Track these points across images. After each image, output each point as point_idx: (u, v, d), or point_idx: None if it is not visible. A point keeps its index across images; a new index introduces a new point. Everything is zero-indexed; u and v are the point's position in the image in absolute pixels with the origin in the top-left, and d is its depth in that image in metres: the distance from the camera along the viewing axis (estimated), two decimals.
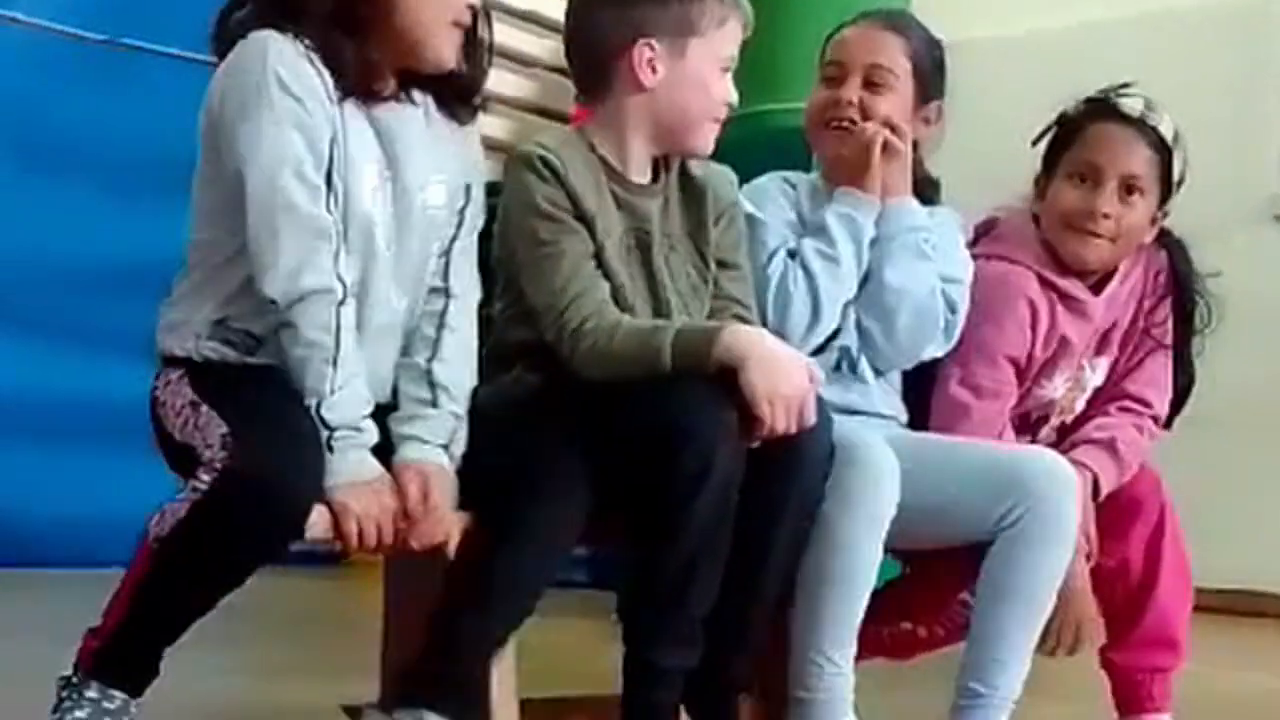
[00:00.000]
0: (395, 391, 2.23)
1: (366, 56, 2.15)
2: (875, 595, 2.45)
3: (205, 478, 1.95)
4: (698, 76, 2.42)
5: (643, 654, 2.24)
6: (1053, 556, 2.49)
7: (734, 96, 2.46)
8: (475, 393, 2.31)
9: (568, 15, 2.51)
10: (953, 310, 2.68)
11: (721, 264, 2.51)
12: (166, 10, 4.14)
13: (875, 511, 2.37)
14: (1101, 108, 2.79)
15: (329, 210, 2.09)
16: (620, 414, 2.20)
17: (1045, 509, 2.48)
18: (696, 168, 2.52)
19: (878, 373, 2.68)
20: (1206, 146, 4.91)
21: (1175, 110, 2.86)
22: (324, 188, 2.09)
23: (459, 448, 2.20)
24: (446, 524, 2.13)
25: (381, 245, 2.19)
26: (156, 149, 3.96)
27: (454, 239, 2.30)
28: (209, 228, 2.16)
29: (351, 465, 2.07)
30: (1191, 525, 2.83)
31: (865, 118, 2.65)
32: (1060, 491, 2.50)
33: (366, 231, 2.17)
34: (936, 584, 2.60)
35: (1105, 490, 2.76)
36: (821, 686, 2.40)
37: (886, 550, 2.42)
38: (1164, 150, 2.76)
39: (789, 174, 2.76)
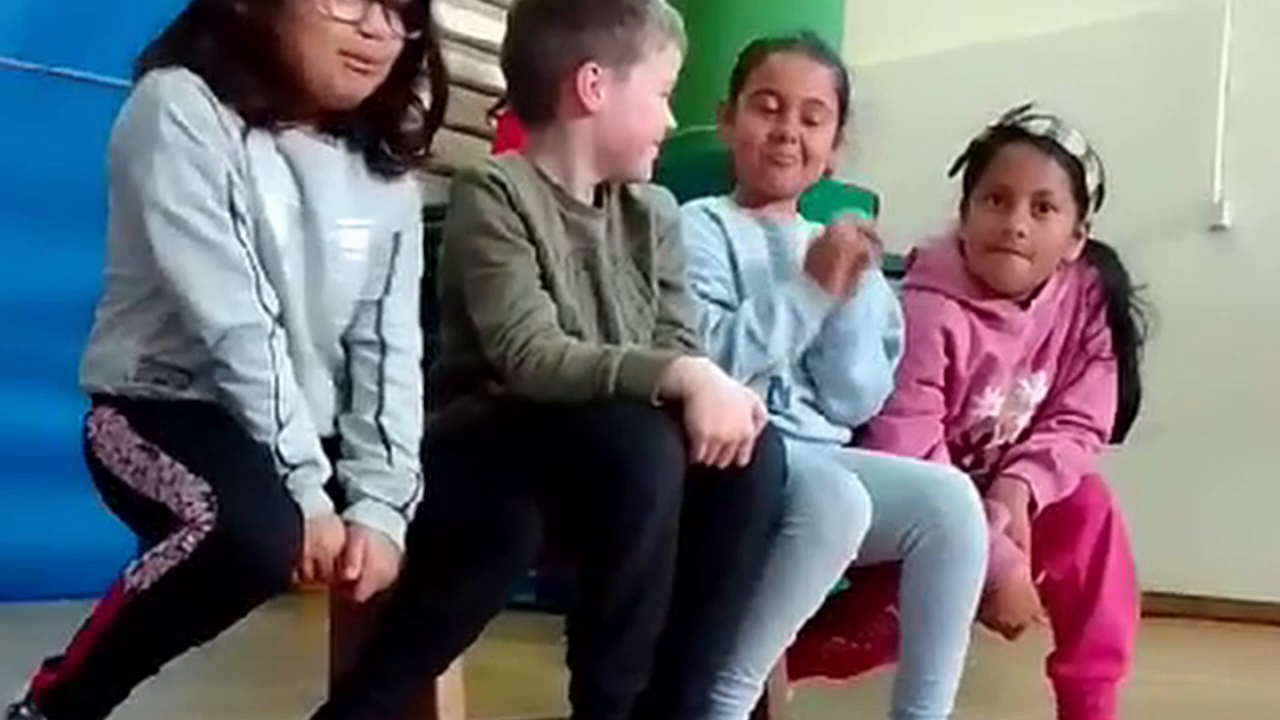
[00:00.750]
0: (335, 428, 2.19)
1: (267, 85, 2.10)
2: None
3: (190, 539, 1.90)
4: (640, 101, 2.43)
5: (591, 678, 2.24)
6: (961, 576, 2.51)
7: (671, 121, 2.47)
8: None
9: (508, 37, 2.50)
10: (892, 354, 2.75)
11: (665, 285, 2.52)
12: (93, 37, 4.10)
13: (843, 550, 2.40)
14: (1009, 131, 2.84)
15: (240, 240, 2.06)
16: (563, 443, 2.19)
17: (946, 530, 2.50)
18: (637, 190, 2.53)
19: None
20: (1145, 156, 5.03)
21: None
22: (229, 218, 2.05)
23: (413, 508, 2.14)
24: (366, 593, 2.09)
25: (290, 276, 2.13)
26: (84, 179, 3.93)
27: (386, 290, 2.24)
28: (125, 263, 2.12)
29: (305, 505, 2.03)
30: (1131, 531, 2.85)
31: (805, 153, 2.70)
32: (960, 511, 2.52)
33: (275, 263, 2.12)
34: (862, 598, 2.62)
35: (1042, 502, 2.79)
36: (733, 694, 2.43)
37: None
38: (1074, 166, 2.80)
39: (709, 204, 2.76)
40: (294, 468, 2.02)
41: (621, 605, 2.19)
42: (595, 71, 2.39)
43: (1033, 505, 2.78)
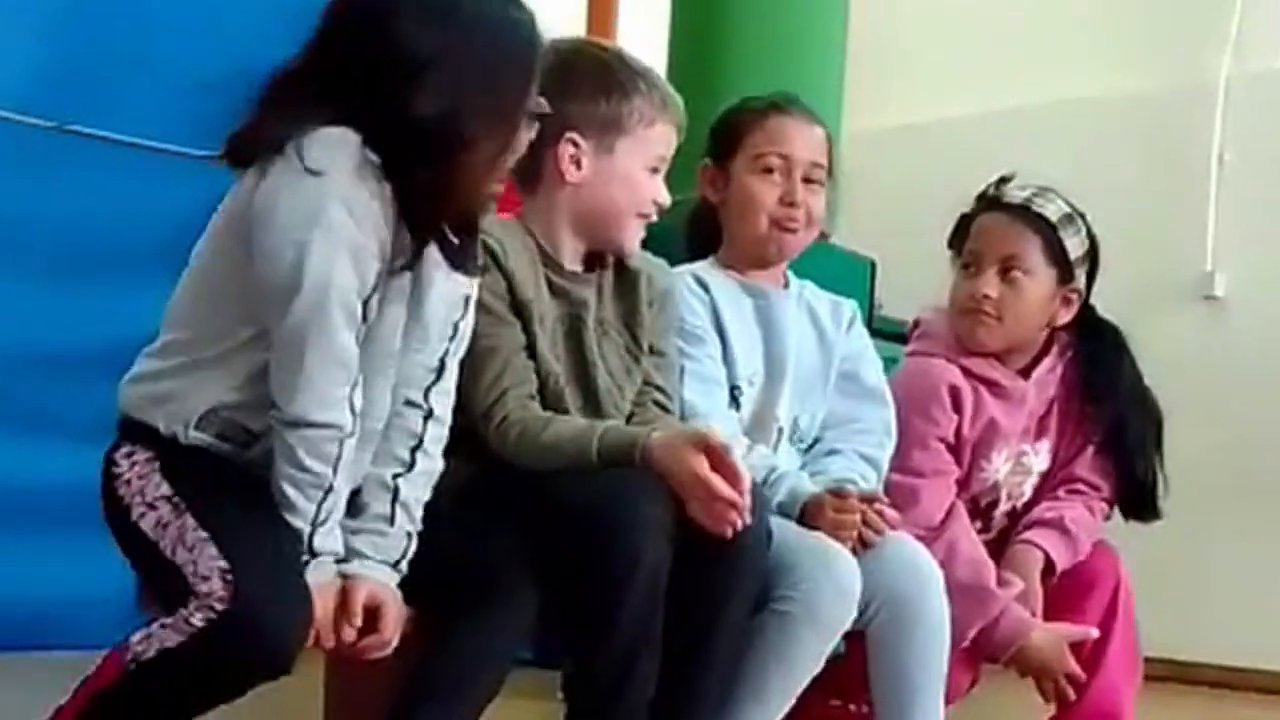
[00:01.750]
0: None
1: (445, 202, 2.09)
2: None
3: (199, 616, 1.89)
4: (625, 174, 2.45)
5: None
6: (922, 646, 2.51)
7: (665, 196, 2.48)
8: None
9: None
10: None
11: (651, 349, 2.54)
12: (108, 95, 4.14)
13: (835, 625, 2.40)
14: (988, 201, 2.93)
15: (356, 340, 2.03)
16: (551, 506, 2.21)
17: (899, 603, 2.50)
18: (632, 257, 2.54)
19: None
20: (1139, 228, 5.06)
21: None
22: (361, 316, 2.03)
23: (405, 562, 2.15)
24: (391, 637, 2.10)
25: (391, 370, 2.14)
26: (93, 234, 3.94)
27: (445, 355, 2.23)
28: (222, 311, 2.07)
29: (313, 576, 2.03)
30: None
31: (807, 216, 2.71)
32: (915, 584, 2.52)
33: (383, 360, 2.12)
34: (858, 662, 2.63)
35: (1060, 568, 2.83)
36: None
37: None
38: (1049, 231, 2.86)
39: (697, 269, 2.74)
40: (317, 556, 2.03)
41: (616, 667, 2.20)
42: (576, 144, 2.42)
43: (1050, 570, 2.82)
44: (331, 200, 1.97)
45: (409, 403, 2.21)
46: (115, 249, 3.84)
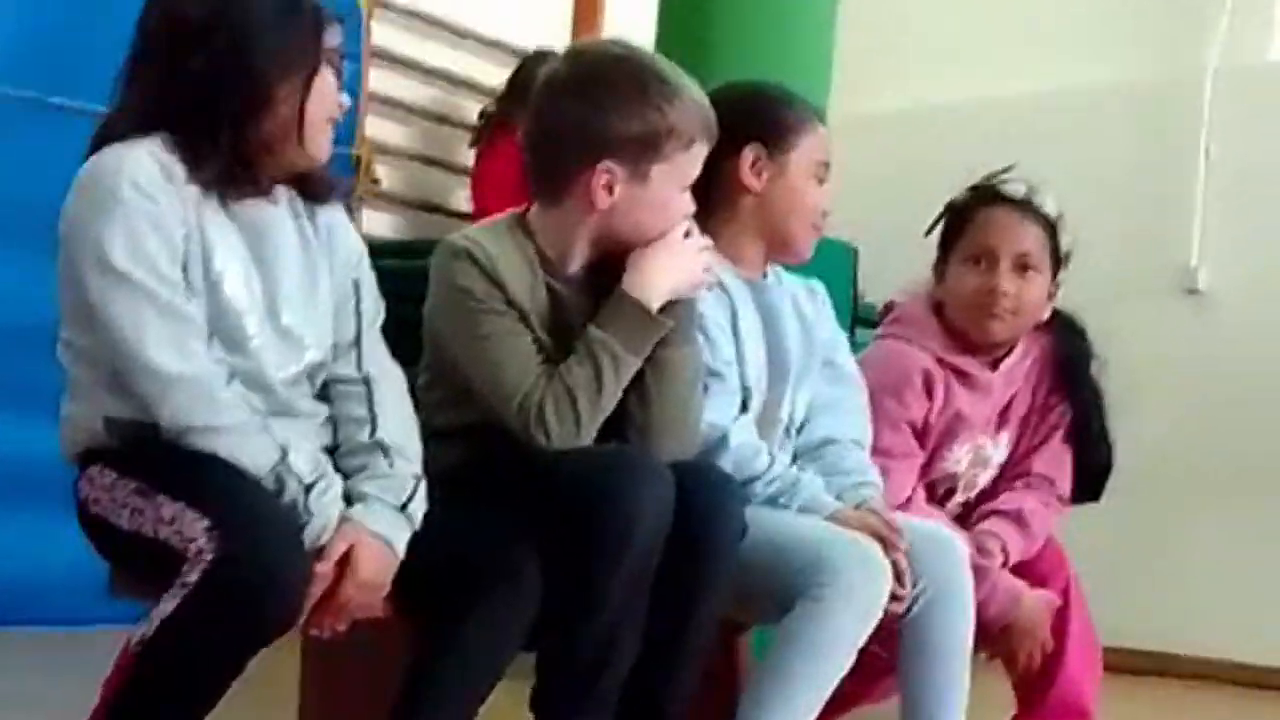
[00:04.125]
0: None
1: (240, 157, 2.10)
2: None
3: (195, 574, 1.87)
4: (657, 200, 2.34)
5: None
6: (958, 630, 2.54)
7: (691, 206, 2.38)
8: None
9: (532, 112, 2.40)
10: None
11: None
12: (88, 66, 4.11)
13: (873, 605, 2.40)
14: (987, 193, 2.91)
15: (188, 299, 2.04)
16: (550, 484, 2.18)
17: (941, 584, 2.51)
18: None
19: None
20: (1124, 220, 5.06)
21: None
22: (181, 280, 2.03)
23: (419, 506, 2.13)
24: (356, 594, 2.04)
25: (253, 334, 2.12)
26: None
27: (358, 330, 2.25)
28: (79, 329, 2.08)
29: (328, 520, 2.03)
30: (1102, 587, 2.88)
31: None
32: (952, 564, 2.55)
33: (236, 323, 2.10)
34: None
35: (1014, 559, 2.82)
36: None
37: None
38: (1050, 228, 2.87)
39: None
40: (310, 486, 2.02)
41: (599, 646, 2.19)
42: (611, 171, 2.30)
43: (1004, 562, 2.81)
44: (121, 183, 2.00)
45: (346, 380, 2.23)
46: None
